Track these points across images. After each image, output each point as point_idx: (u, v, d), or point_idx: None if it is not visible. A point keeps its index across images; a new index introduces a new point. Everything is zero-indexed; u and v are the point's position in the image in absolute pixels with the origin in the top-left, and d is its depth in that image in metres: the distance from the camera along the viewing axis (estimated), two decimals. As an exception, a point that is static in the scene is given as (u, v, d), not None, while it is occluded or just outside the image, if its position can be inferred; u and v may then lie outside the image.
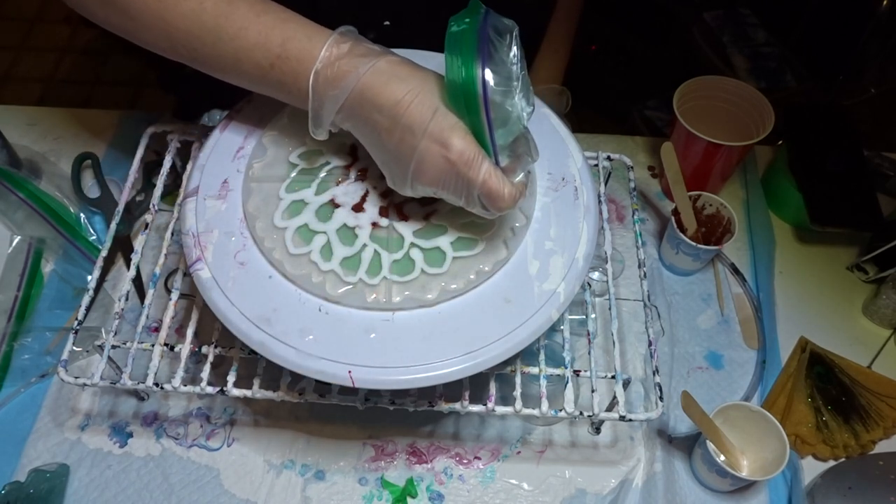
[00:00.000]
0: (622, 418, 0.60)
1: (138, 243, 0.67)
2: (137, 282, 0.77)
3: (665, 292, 0.81)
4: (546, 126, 0.67)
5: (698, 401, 0.63)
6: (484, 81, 0.48)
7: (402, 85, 0.51)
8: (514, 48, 0.49)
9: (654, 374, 0.62)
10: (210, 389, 0.60)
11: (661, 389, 0.61)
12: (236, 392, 0.61)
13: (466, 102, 0.49)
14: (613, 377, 0.62)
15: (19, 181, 0.78)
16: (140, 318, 0.63)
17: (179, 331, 0.75)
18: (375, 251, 0.58)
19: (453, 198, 0.53)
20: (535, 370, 0.63)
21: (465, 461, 0.69)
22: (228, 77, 0.57)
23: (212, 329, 0.64)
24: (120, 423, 0.70)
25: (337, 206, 0.60)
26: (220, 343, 0.63)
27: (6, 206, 0.77)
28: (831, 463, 0.70)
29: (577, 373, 0.63)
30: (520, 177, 0.52)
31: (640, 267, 0.68)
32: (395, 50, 0.55)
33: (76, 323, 0.63)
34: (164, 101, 1.04)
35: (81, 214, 0.81)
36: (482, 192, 0.51)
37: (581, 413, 0.60)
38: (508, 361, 0.56)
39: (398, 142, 0.51)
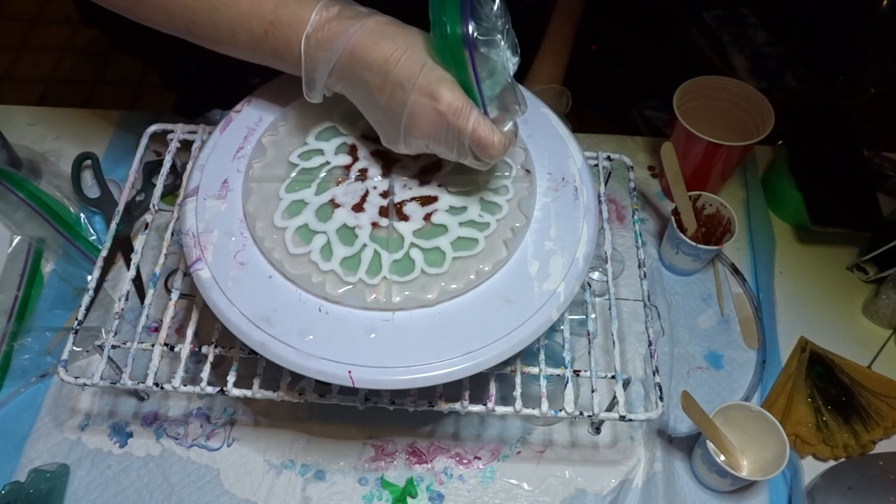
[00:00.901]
0: (622, 418, 0.60)
1: (138, 243, 0.67)
2: (137, 282, 0.77)
3: (665, 292, 0.81)
4: (546, 126, 0.67)
5: (698, 401, 0.63)
6: (469, 34, 0.49)
7: (390, 43, 0.52)
8: (497, 0, 0.50)
9: (654, 374, 0.62)
10: (210, 389, 0.60)
11: (661, 389, 0.61)
12: (236, 392, 0.61)
13: (453, 56, 0.51)
14: (613, 377, 0.62)
15: (19, 181, 0.78)
16: (140, 318, 0.63)
17: (179, 331, 0.75)
18: (375, 251, 0.58)
19: (445, 150, 0.54)
20: (535, 370, 0.63)
21: (465, 461, 0.69)
22: (226, 48, 0.58)
23: (212, 329, 0.64)
24: (120, 423, 0.70)
25: (337, 206, 0.60)
26: (220, 343, 0.63)
27: (6, 206, 0.77)
28: (831, 463, 0.70)
29: (577, 373, 0.63)
30: (508, 126, 0.54)
31: (640, 267, 0.68)
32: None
33: (76, 323, 0.63)
34: (165, 101, 1.04)
35: (81, 214, 0.81)
36: (472, 141, 0.52)
37: (581, 413, 0.60)
38: (508, 361, 0.56)
39: (389, 98, 0.53)
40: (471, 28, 0.49)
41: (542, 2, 0.91)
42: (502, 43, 0.51)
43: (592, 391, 0.61)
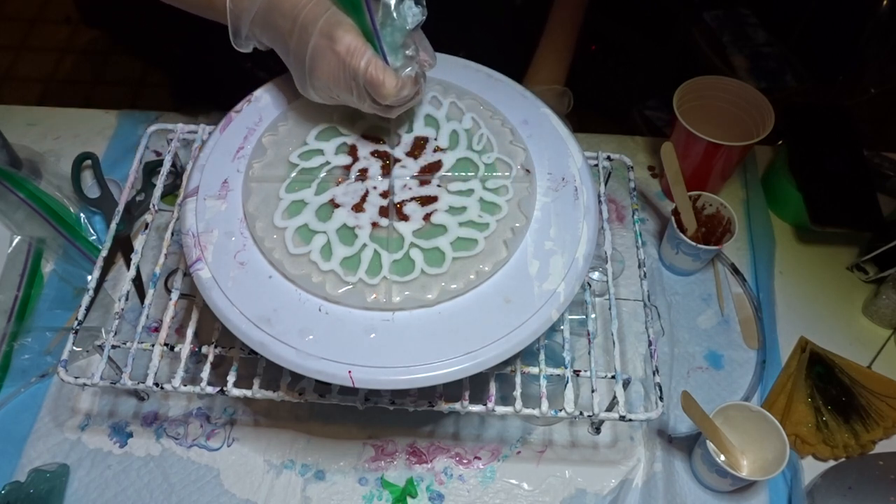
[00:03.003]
0: (622, 418, 0.60)
1: (138, 243, 0.67)
2: (137, 282, 0.77)
3: (665, 292, 0.81)
4: (546, 126, 0.67)
5: (698, 401, 0.63)
6: None
7: None
8: None
9: (654, 374, 0.62)
10: (210, 389, 0.60)
11: (661, 389, 0.61)
12: (236, 392, 0.61)
13: (351, 0, 0.53)
14: (613, 377, 0.62)
15: (19, 181, 0.78)
16: (140, 318, 0.63)
17: (179, 331, 0.75)
18: (375, 251, 0.58)
19: (346, 94, 0.56)
20: (535, 370, 0.63)
21: (465, 461, 0.69)
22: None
23: (212, 329, 0.64)
24: (120, 423, 0.70)
25: (337, 206, 0.60)
26: (220, 343, 0.63)
27: (6, 206, 0.77)
28: (831, 463, 0.70)
29: (577, 373, 0.63)
30: (407, 71, 0.56)
31: (640, 267, 0.68)
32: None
33: (76, 323, 0.63)
34: (165, 101, 1.04)
35: (81, 214, 0.81)
36: (365, 82, 0.54)
37: (581, 413, 0.60)
38: (508, 361, 0.56)
39: (297, 42, 0.56)
40: None
41: (535, 2, 0.91)
42: None
43: (592, 391, 0.61)
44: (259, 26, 0.58)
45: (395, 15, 0.54)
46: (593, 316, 0.67)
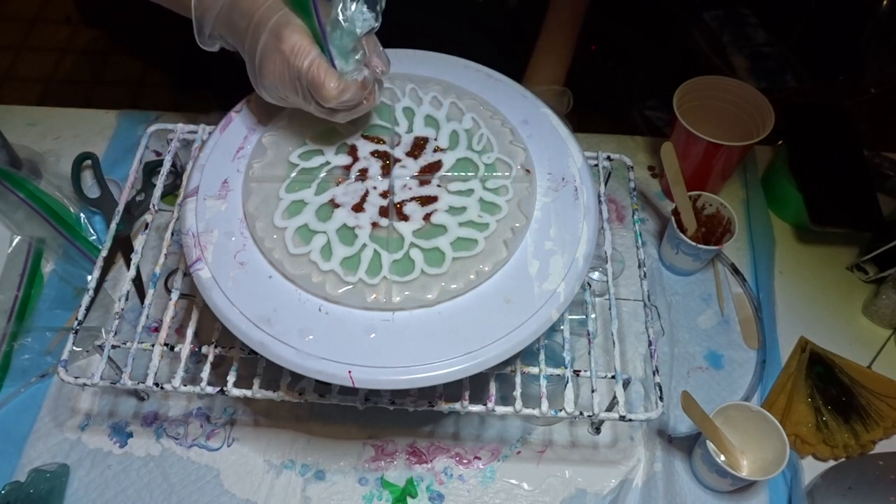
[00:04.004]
0: (622, 418, 0.60)
1: (138, 243, 0.67)
2: (137, 282, 0.77)
3: (665, 292, 0.81)
4: (546, 126, 0.67)
5: (698, 401, 0.63)
6: None
7: None
8: None
9: (654, 374, 0.62)
10: (210, 389, 0.60)
11: (661, 389, 0.61)
12: (236, 392, 0.61)
13: (299, 2, 0.53)
14: (613, 377, 0.62)
15: (19, 181, 0.78)
16: (140, 318, 0.63)
17: (179, 331, 0.75)
18: (375, 251, 0.58)
19: (293, 96, 0.56)
20: (535, 370, 0.63)
21: (465, 461, 0.69)
22: None
23: (212, 329, 0.64)
24: (120, 423, 0.70)
25: (337, 206, 0.60)
26: (220, 343, 0.63)
27: (6, 206, 0.77)
28: (831, 463, 0.70)
29: (577, 373, 0.63)
30: (354, 75, 0.55)
31: (640, 267, 0.68)
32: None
33: (76, 323, 0.63)
34: (165, 101, 1.04)
35: (81, 214, 0.81)
36: (308, 82, 0.54)
37: (581, 413, 0.60)
38: (508, 361, 0.56)
39: (251, 40, 0.56)
40: None
41: (531, 4, 0.91)
42: (357, 1, 0.53)
43: (592, 391, 0.61)
44: (222, 25, 0.58)
45: (341, 18, 0.53)
46: (593, 316, 0.67)
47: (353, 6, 0.53)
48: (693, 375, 0.75)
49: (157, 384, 0.60)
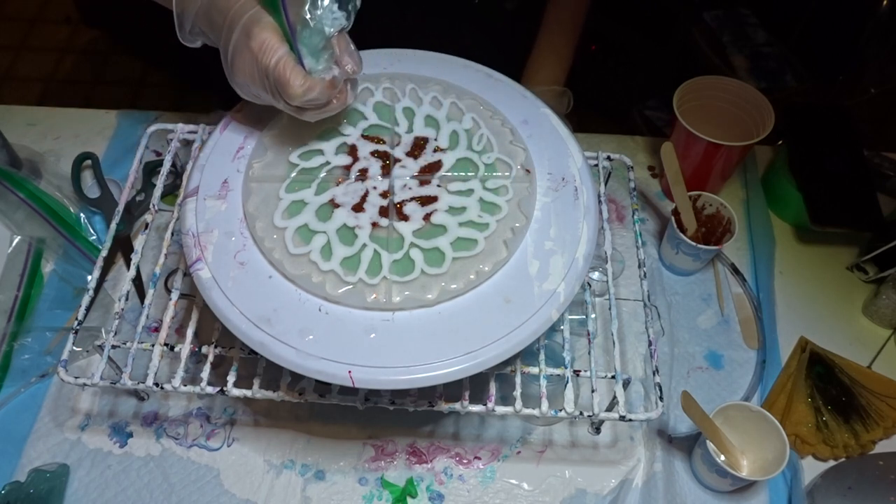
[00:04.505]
0: (622, 418, 0.60)
1: (138, 243, 0.67)
2: (137, 282, 0.77)
3: (665, 292, 0.81)
4: (546, 126, 0.67)
5: (698, 401, 0.63)
6: None
7: None
8: None
9: (654, 374, 0.62)
10: (210, 389, 0.60)
11: (661, 389, 0.61)
12: (236, 392, 0.61)
13: (270, 0, 0.53)
14: (613, 377, 0.62)
15: (19, 181, 0.78)
16: (140, 318, 0.63)
17: (179, 331, 0.75)
18: (375, 251, 0.58)
19: (264, 93, 0.56)
20: (535, 370, 0.63)
21: (465, 461, 0.69)
22: None
23: (212, 329, 0.64)
24: (120, 423, 0.70)
25: (337, 206, 0.60)
26: (220, 343, 0.63)
27: (6, 206, 0.77)
28: (831, 463, 0.70)
29: (577, 373, 0.63)
30: (322, 74, 0.55)
31: (640, 267, 0.68)
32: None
33: (76, 323, 0.63)
34: (165, 101, 1.04)
35: (81, 214, 0.81)
36: (274, 80, 0.54)
37: (581, 413, 0.60)
38: (508, 361, 0.56)
39: (225, 37, 0.56)
40: None
41: (528, 7, 0.91)
42: (328, 1, 0.53)
43: (592, 391, 0.61)
44: (202, 21, 0.58)
45: (308, 17, 0.53)
46: (593, 316, 0.67)
47: (323, 5, 0.53)
48: (693, 375, 0.75)
49: (157, 384, 0.60)
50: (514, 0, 0.88)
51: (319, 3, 0.53)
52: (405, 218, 0.60)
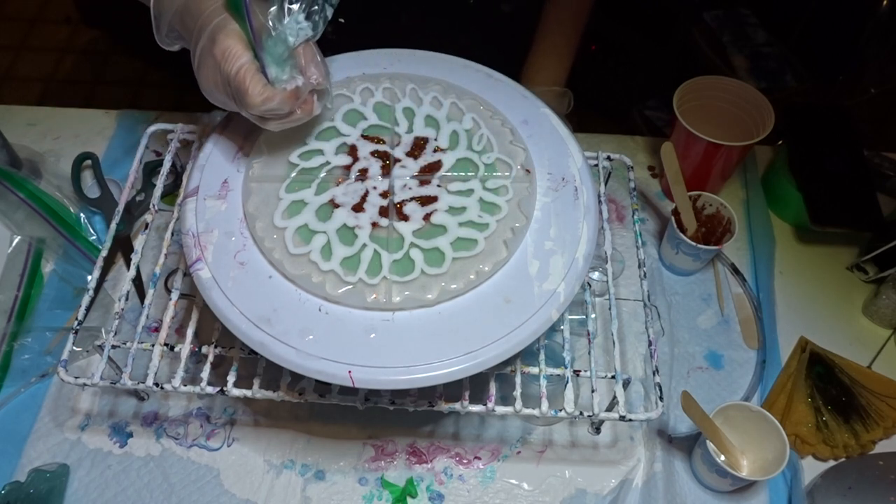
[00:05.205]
0: (622, 418, 0.60)
1: (138, 243, 0.67)
2: (137, 282, 0.77)
3: (665, 292, 0.81)
4: (546, 126, 0.67)
5: (698, 401, 0.63)
6: None
7: None
8: None
9: (654, 374, 0.62)
10: (210, 389, 0.60)
11: (661, 389, 0.61)
12: (236, 392, 0.61)
13: (235, 6, 0.53)
14: (613, 377, 0.62)
15: (19, 181, 0.78)
16: (140, 318, 0.63)
17: (179, 331, 0.75)
18: (375, 251, 0.58)
19: (226, 100, 0.56)
20: (535, 370, 0.63)
21: (465, 461, 0.69)
22: None
23: (212, 329, 0.64)
24: (120, 423, 0.70)
25: (337, 206, 0.60)
26: (220, 343, 0.63)
27: (6, 206, 0.77)
28: (831, 463, 0.70)
29: (577, 373, 0.63)
30: (284, 84, 0.54)
31: (640, 267, 0.68)
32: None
33: (76, 323, 0.63)
34: (165, 101, 1.04)
35: (81, 214, 0.81)
36: (234, 88, 0.53)
37: (581, 413, 0.60)
38: (508, 361, 0.56)
39: (194, 43, 0.56)
40: None
41: (525, 10, 0.91)
42: (296, 12, 0.53)
43: (592, 391, 0.61)
44: (178, 25, 0.58)
45: (270, 26, 0.53)
46: (593, 316, 0.67)
47: (289, 15, 0.53)
48: (693, 375, 0.75)
49: (157, 384, 0.60)
50: (512, 2, 0.88)
51: (285, 12, 0.53)
52: (405, 218, 0.60)
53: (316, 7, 0.54)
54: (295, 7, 0.53)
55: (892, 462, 0.68)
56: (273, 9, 0.53)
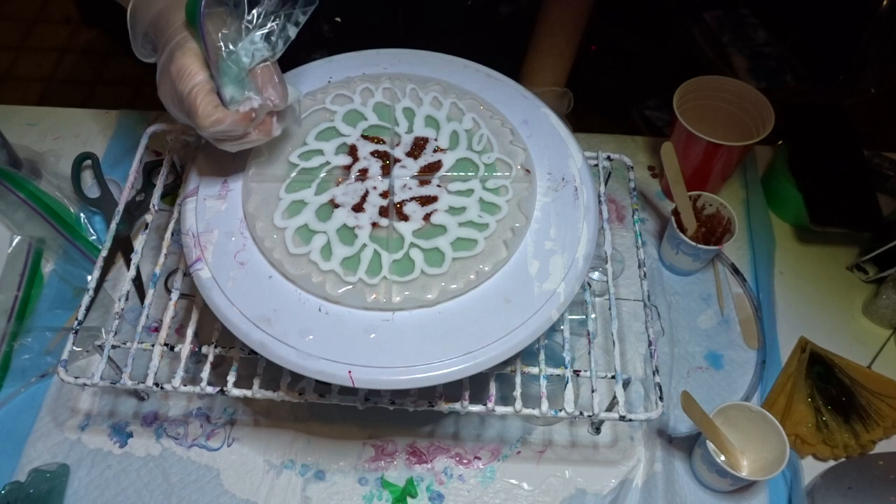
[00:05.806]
0: (622, 418, 0.60)
1: (138, 243, 0.67)
2: (137, 282, 0.77)
3: (665, 292, 0.81)
4: (546, 126, 0.67)
5: (698, 401, 0.63)
6: (200, 5, 0.51)
7: (180, 13, 0.55)
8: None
9: (654, 374, 0.62)
10: (210, 389, 0.60)
11: (661, 389, 0.61)
12: (236, 392, 0.61)
13: (192, 23, 0.53)
14: (613, 377, 0.62)
15: (19, 181, 0.78)
16: (140, 318, 0.63)
17: (179, 331, 0.75)
18: (375, 251, 0.58)
19: (184, 117, 0.55)
20: (535, 370, 0.63)
21: (465, 461, 0.69)
22: None
23: (212, 329, 0.64)
24: (120, 423, 0.70)
25: (337, 206, 0.60)
26: (220, 343, 0.63)
27: (6, 206, 0.77)
28: (831, 463, 0.70)
29: (577, 373, 0.63)
30: (238, 106, 0.54)
31: (640, 267, 0.68)
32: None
33: (76, 323, 0.63)
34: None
35: (81, 214, 0.81)
36: (186, 107, 0.53)
37: (581, 413, 0.60)
38: (508, 361, 0.56)
39: (158, 58, 0.56)
40: (205, 5, 0.51)
41: (523, 12, 0.91)
42: (253, 33, 0.53)
43: (592, 391, 0.61)
44: (150, 37, 0.58)
45: (223, 47, 0.52)
46: (593, 316, 0.67)
47: (245, 36, 0.52)
48: (693, 375, 0.75)
49: (157, 384, 0.60)
50: (509, 4, 0.88)
51: (239, 34, 0.52)
52: (405, 218, 0.60)
53: (275, 27, 0.53)
54: (252, 27, 0.53)
55: (892, 462, 0.68)
56: (227, 30, 0.52)
